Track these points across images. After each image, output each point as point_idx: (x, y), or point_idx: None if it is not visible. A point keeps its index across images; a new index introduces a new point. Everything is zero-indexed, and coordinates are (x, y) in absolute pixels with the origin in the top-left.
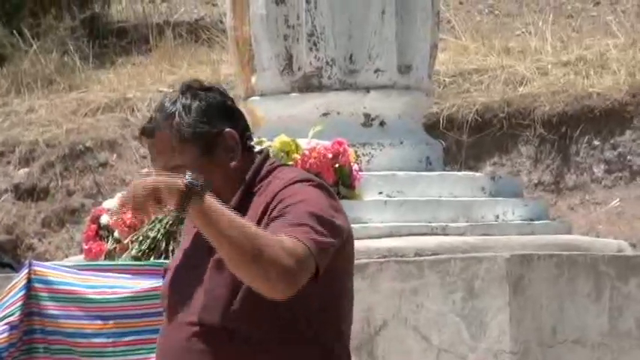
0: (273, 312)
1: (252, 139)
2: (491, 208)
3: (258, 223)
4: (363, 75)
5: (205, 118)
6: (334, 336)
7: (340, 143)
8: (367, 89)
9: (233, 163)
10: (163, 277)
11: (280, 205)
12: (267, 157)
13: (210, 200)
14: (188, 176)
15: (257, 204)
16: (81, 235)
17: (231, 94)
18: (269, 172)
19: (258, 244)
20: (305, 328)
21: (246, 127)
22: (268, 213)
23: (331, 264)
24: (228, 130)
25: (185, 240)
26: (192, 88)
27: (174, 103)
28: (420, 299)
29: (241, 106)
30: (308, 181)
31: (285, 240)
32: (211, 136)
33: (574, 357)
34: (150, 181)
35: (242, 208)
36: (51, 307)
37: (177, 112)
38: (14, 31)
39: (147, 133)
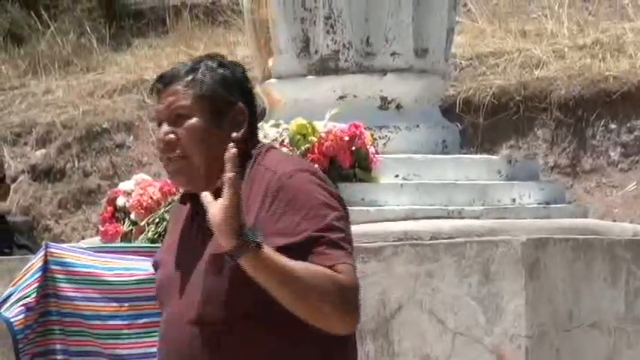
0: (273, 307)
1: (256, 128)
2: (508, 192)
3: (256, 215)
4: (379, 58)
5: (226, 85)
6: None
7: (357, 126)
8: (384, 72)
9: (234, 134)
10: (155, 270)
11: (290, 214)
12: (256, 143)
13: (265, 255)
14: (247, 231)
15: (253, 194)
16: (97, 217)
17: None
18: (256, 158)
19: (312, 292)
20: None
21: (256, 115)
22: (269, 207)
23: None
24: (242, 105)
25: (173, 231)
26: (219, 57)
27: (198, 62)
28: (436, 283)
29: (258, 89)
30: (304, 170)
31: (338, 275)
32: (226, 104)
33: (590, 341)
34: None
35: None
36: (67, 289)
37: (201, 70)
38: (31, 13)
39: (164, 79)
